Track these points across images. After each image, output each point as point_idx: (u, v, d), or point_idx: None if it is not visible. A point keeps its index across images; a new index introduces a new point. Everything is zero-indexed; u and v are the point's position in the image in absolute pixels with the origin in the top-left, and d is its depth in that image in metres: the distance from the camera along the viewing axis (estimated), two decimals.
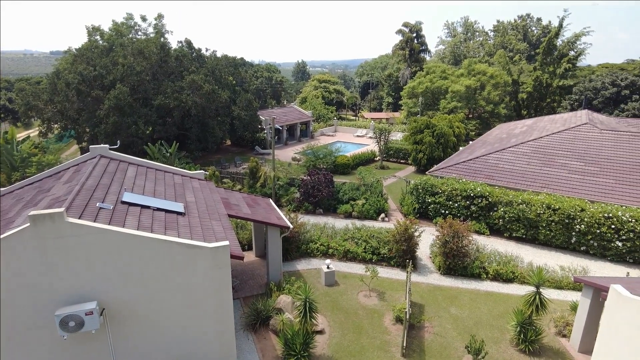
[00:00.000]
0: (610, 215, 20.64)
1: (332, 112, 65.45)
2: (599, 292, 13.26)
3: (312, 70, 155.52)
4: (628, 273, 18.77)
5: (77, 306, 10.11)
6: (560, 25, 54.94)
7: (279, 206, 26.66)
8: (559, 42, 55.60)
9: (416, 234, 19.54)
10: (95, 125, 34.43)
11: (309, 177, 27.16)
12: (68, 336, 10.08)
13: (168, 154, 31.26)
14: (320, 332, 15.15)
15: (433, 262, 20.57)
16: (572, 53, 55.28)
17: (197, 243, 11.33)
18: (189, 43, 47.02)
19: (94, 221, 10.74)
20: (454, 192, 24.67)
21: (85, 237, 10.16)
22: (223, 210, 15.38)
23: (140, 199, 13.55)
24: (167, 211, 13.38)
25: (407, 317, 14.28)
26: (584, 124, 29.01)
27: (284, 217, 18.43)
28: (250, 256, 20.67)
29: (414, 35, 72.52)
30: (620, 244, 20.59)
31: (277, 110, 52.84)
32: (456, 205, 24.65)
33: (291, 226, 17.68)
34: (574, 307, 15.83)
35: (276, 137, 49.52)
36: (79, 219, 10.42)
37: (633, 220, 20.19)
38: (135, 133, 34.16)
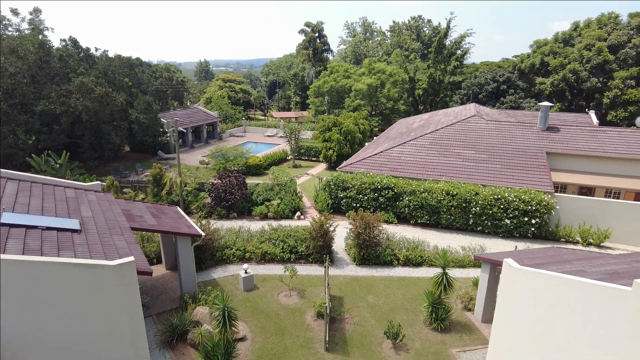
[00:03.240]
0: (499, 196, 23.11)
1: (239, 112, 64.18)
2: (495, 267, 14.74)
3: (215, 69, 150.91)
4: (516, 247, 21.19)
5: None
6: (448, 27, 60.06)
7: (189, 213, 25.41)
8: (447, 42, 60.76)
9: (331, 228, 19.94)
10: None
11: (219, 181, 26.27)
12: None
13: (57, 166, 28.03)
14: (242, 339, 14.74)
15: (348, 254, 21.19)
16: (459, 52, 60.79)
17: (98, 262, 10.26)
18: (74, 42, 42.56)
19: None
20: (363, 185, 25.67)
21: None
22: (125, 224, 14.16)
23: (25, 218, 11.90)
24: (59, 230, 11.94)
25: (328, 311, 14.49)
26: (472, 116, 32.05)
27: (194, 224, 17.55)
28: (160, 270, 19.37)
29: (317, 35, 73.98)
30: (508, 221, 23.17)
31: (180, 112, 50.31)
32: (366, 198, 25.69)
33: (203, 234, 16.90)
34: (475, 283, 17.40)
35: (180, 141, 47.20)
36: None
37: (517, 200, 22.84)
38: (14, 144, 30.04)
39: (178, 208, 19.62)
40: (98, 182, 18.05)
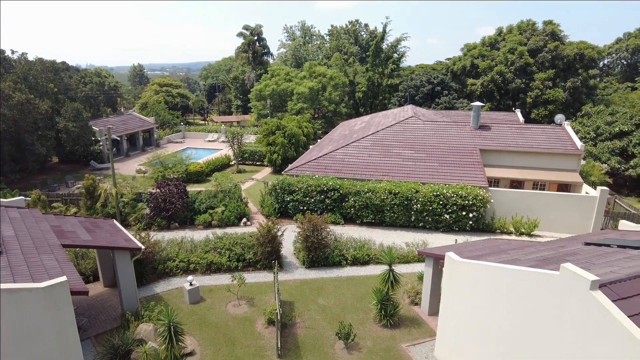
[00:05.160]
0: (438, 193, 24.14)
1: (177, 118, 61.97)
2: (437, 261, 15.33)
3: (151, 74, 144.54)
4: (456, 240, 22.20)
5: None
6: (384, 31, 61.98)
7: (126, 226, 24.04)
8: (384, 45, 62.66)
9: (279, 233, 19.75)
10: None
11: (158, 190, 25.12)
12: None
13: None
14: (191, 353, 14.15)
15: (297, 258, 21.11)
16: (395, 55, 62.89)
17: (23, 285, 9.38)
18: None
19: None
20: (309, 188, 25.74)
21: None
22: (55, 241, 13.09)
23: None
24: None
25: (279, 317, 14.30)
26: (410, 117, 33.26)
27: (132, 237, 16.61)
28: (97, 287, 18.12)
29: (256, 38, 73.33)
30: (447, 216, 24.27)
31: (114, 119, 47.67)
32: (312, 200, 25.78)
33: (142, 247, 16.03)
34: (420, 277, 17.98)
35: (115, 149, 44.68)
36: None
37: (455, 195, 23.99)
38: None
39: (114, 221, 18.49)
40: (21, 197, 16.56)
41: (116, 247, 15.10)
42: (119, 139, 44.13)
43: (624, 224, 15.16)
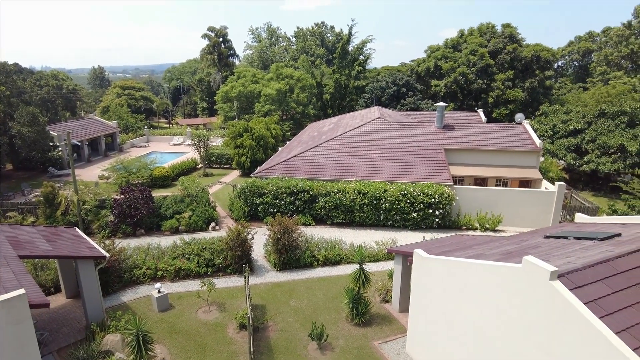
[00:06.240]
0: (406, 192, 24.62)
1: (141, 121, 60.30)
2: (406, 258, 15.62)
3: (112, 76, 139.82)
4: (424, 237, 22.64)
5: None
6: (350, 33, 62.62)
7: (90, 234, 23.17)
8: (350, 47, 63.28)
9: (249, 237, 19.56)
10: None
11: (122, 196, 24.36)
12: None
13: None
14: None
15: (268, 261, 20.98)
16: (361, 57, 63.64)
17: None
18: None
19: None
20: (279, 190, 25.65)
21: None
22: (11, 252, 12.46)
23: None
24: None
25: (250, 321, 14.16)
26: (377, 118, 33.73)
27: (96, 246, 16.04)
28: (59, 299, 17.36)
29: (221, 39, 72.42)
30: (415, 214, 24.78)
31: (74, 123, 45.84)
32: (282, 202, 25.70)
33: (107, 255, 15.50)
34: (390, 275, 18.28)
35: (75, 155, 43.01)
36: None
37: (421, 194, 24.53)
38: None
39: (77, 229, 17.81)
40: None
41: (79, 256, 14.53)
42: (79, 144, 42.47)
43: (580, 217, 15.95)
